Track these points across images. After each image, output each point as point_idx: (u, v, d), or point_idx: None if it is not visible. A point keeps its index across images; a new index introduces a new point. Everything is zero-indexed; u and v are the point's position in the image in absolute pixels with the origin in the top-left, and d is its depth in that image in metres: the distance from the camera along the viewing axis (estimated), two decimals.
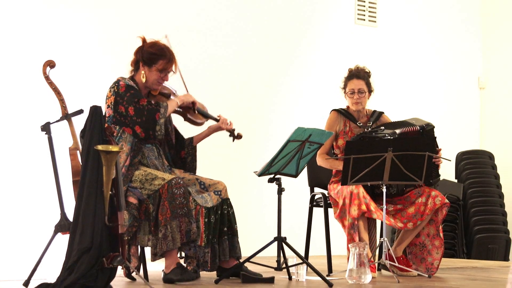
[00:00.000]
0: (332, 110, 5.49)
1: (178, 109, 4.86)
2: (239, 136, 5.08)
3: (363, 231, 5.03)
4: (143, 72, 4.73)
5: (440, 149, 5.21)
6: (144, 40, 4.78)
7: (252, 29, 7.76)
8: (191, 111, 4.91)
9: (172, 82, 4.98)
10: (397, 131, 5.15)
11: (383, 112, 5.49)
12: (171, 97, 4.86)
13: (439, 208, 5.14)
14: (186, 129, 5.13)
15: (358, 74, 5.40)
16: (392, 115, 5.71)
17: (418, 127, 5.20)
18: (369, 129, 5.29)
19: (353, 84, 5.39)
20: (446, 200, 5.13)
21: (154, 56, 4.70)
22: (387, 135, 5.07)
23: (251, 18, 7.77)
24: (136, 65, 4.78)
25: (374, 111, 5.47)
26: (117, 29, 6.87)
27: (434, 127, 5.26)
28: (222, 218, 4.72)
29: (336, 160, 5.33)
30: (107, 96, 4.70)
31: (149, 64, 4.71)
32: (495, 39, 9.38)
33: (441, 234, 5.20)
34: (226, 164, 7.34)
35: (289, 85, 7.99)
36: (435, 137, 5.20)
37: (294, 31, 8.05)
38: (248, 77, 7.72)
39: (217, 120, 5.00)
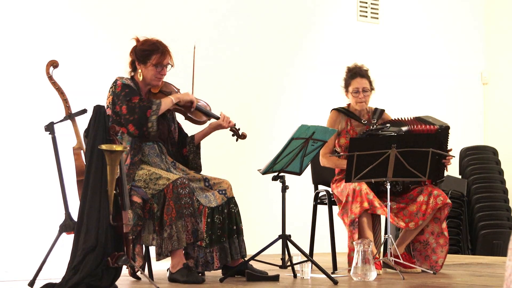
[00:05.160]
0: (332, 109, 5.46)
1: (179, 107, 4.81)
2: (243, 136, 5.01)
3: (366, 228, 5.01)
4: (140, 70, 4.73)
5: (450, 149, 5.20)
6: (137, 40, 4.78)
7: (253, 27, 7.76)
8: (190, 109, 4.85)
9: (181, 82, 4.98)
10: (403, 128, 5.13)
11: (384, 110, 5.46)
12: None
13: (441, 208, 5.12)
14: (188, 128, 5.11)
15: (361, 73, 5.35)
16: (395, 112, 5.68)
17: (437, 126, 5.15)
18: (375, 126, 5.24)
19: (357, 83, 5.33)
20: (448, 200, 5.10)
21: (147, 52, 4.70)
22: (393, 133, 5.05)
23: (253, 14, 7.77)
24: (133, 65, 4.79)
25: (376, 108, 5.44)
26: (120, 28, 6.87)
27: (449, 127, 5.21)
28: (230, 217, 4.72)
29: (339, 158, 5.30)
30: (107, 96, 4.70)
31: (144, 61, 4.70)
32: (498, 34, 9.37)
33: (446, 233, 5.18)
34: (230, 163, 7.33)
35: (291, 82, 7.99)
36: (448, 134, 5.17)
37: (296, 28, 8.05)
38: (251, 76, 7.71)
39: (217, 118, 4.95)
